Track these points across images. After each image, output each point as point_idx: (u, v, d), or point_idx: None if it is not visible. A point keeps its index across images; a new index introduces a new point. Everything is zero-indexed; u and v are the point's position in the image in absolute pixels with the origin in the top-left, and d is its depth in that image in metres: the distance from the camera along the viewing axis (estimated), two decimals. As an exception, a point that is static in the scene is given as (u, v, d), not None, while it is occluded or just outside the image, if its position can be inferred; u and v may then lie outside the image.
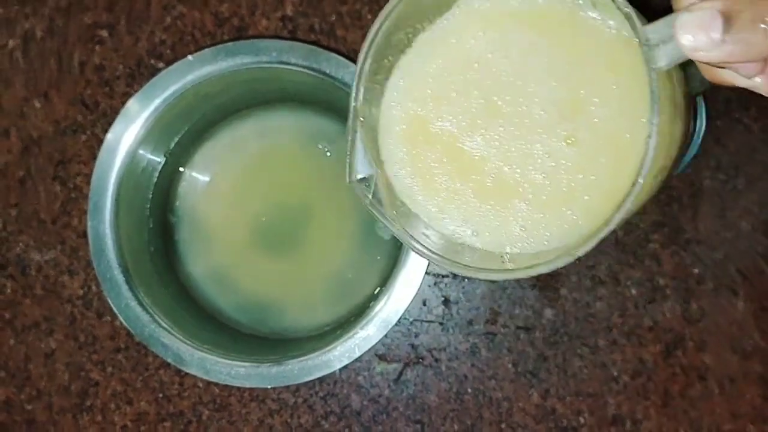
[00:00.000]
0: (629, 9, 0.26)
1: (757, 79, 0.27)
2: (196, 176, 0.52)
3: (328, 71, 0.44)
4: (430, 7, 0.33)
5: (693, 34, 0.23)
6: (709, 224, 0.53)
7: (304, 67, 0.44)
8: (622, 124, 0.29)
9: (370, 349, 0.43)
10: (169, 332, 0.44)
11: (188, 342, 0.44)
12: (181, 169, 0.52)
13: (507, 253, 0.33)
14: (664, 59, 0.25)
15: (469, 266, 0.32)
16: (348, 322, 0.48)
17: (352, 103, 0.33)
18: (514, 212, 0.32)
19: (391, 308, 0.44)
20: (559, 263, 0.29)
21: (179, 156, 0.51)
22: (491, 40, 0.32)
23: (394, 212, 0.34)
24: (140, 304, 0.44)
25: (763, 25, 0.23)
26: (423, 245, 0.33)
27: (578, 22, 0.30)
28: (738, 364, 0.52)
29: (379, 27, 0.32)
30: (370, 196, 0.34)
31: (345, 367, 0.45)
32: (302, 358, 0.43)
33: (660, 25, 0.25)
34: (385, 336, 0.45)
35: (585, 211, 0.30)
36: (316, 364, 0.43)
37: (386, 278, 0.48)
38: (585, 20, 0.30)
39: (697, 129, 0.49)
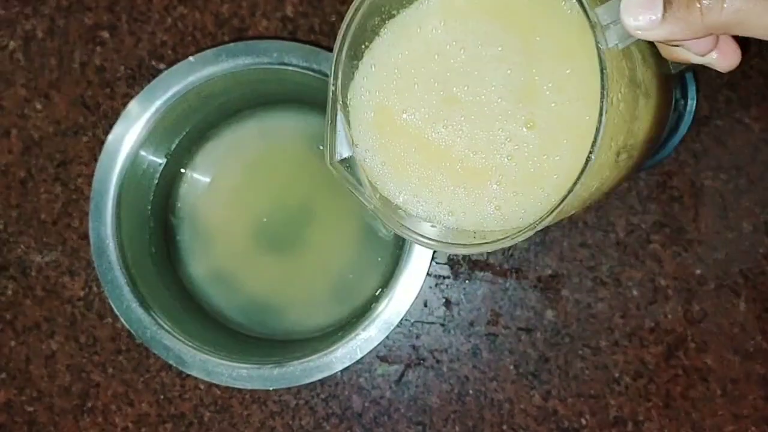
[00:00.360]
0: None
1: (713, 55, 0.28)
2: (197, 177, 0.52)
3: (329, 72, 0.44)
4: None
5: (636, 14, 0.25)
6: (710, 225, 0.53)
7: (304, 68, 0.44)
8: (580, 106, 0.30)
9: (371, 351, 0.43)
10: (170, 334, 0.44)
11: (190, 344, 0.44)
12: (182, 170, 0.52)
13: (482, 231, 0.34)
14: (614, 38, 0.26)
15: (441, 242, 0.34)
16: (349, 323, 0.47)
17: (331, 87, 0.34)
18: (488, 193, 0.33)
19: (392, 309, 0.43)
20: (520, 237, 0.30)
21: (180, 157, 0.51)
22: (450, 30, 0.33)
23: (376, 193, 0.35)
24: (142, 306, 0.44)
25: (698, 5, 0.24)
26: (402, 224, 0.34)
27: (540, 6, 0.31)
28: (740, 365, 0.52)
29: (356, 10, 0.32)
30: (351, 177, 0.35)
31: (346, 368, 0.45)
32: (304, 360, 0.43)
33: (611, 4, 0.26)
34: (387, 337, 0.45)
35: (556, 189, 0.31)
36: (317, 366, 0.43)
37: (387, 279, 0.48)
38: (549, 3, 0.31)
39: (688, 109, 0.49)
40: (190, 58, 0.44)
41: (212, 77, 0.45)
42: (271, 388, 0.44)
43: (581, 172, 0.27)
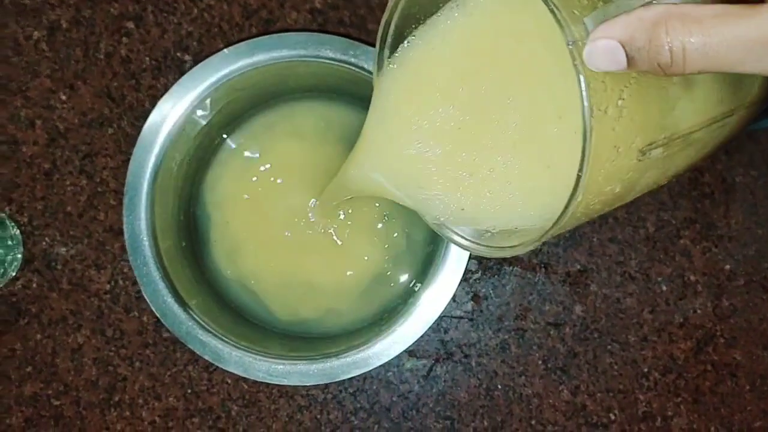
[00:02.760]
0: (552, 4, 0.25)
1: None
2: (223, 169, 0.51)
3: (366, 66, 0.43)
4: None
5: (599, 63, 0.25)
6: (740, 220, 0.53)
7: (342, 61, 0.43)
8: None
9: (409, 346, 0.43)
10: (206, 330, 0.43)
11: (226, 339, 0.43)
12: (209, 162, 0.51)
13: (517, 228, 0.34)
14: None
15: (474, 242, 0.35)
16: (384, 319, 0.47)
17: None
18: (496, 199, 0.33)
19: (430, 305, 0.43)
20: (525, 249, 0.31)
21: (207, 148, 0.50)
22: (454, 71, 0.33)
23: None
24: (177, 301, 0.44)
25: (658, 66, 0.24)
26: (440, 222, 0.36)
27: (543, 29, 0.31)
28: (770, 361, 0.52)
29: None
30: None
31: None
32: (341, 356, 0.43)
33: (600, 12, 0.25)
34: (416, 332, 0.45)
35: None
36: (354, 361, 0.43)
37: (420, 275, 0.47)
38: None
39: None
40: (225, 50, 0.44)
41: (246, 69, 0.44)
42: (308, 384, 0.43)
43: (573, 190, 0.27)
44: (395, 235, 0.49)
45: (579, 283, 0.53)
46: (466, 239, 0.36)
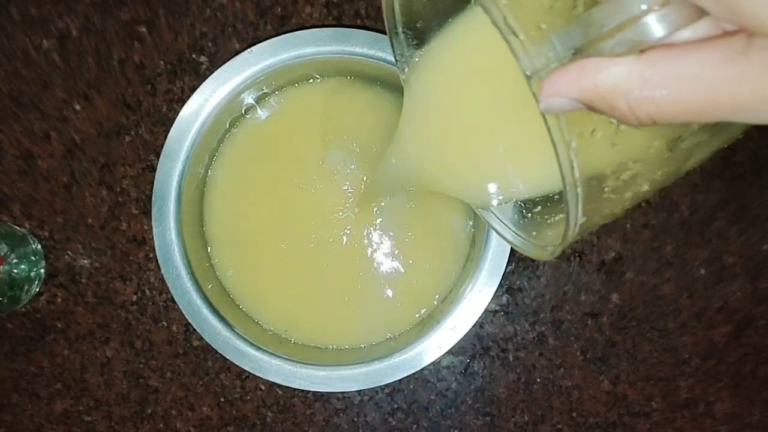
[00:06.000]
0: (507, 25, 0.20)
1: None
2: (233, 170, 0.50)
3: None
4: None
5: (559, 110, 0.21)
6: (776, 199, 0.52)
7: (368, 56, 0.42)
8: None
9: (459, 341, 0.42)
10: (245, 339, 0.42)
11: (264, 348, 0.42)
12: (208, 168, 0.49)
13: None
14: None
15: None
16: (424, 321, 0.46)
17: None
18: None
19: (476, 298, 0.42)
20: (552, 253, 0.29)
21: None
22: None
23: None
24: (212, 311, 0.42)
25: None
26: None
27: None
28: (814, 341, 0.51)
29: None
30: None
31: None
32: (384, 360, 0.42)
33: (572, 29, 0.20)
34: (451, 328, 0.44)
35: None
36: (397, 365, 0.42)
37: (453, 281, 0.46)
38: None
39: None
40: (249, 50, 0.43)
41: (270, 69, 0.43)
42: (352, 390, 0.42)
43: (567, 222, 0.23)
44: (436, 237, 0.48)
45: (614, 271, 0.52)
46: (510, 229, 0.35)
